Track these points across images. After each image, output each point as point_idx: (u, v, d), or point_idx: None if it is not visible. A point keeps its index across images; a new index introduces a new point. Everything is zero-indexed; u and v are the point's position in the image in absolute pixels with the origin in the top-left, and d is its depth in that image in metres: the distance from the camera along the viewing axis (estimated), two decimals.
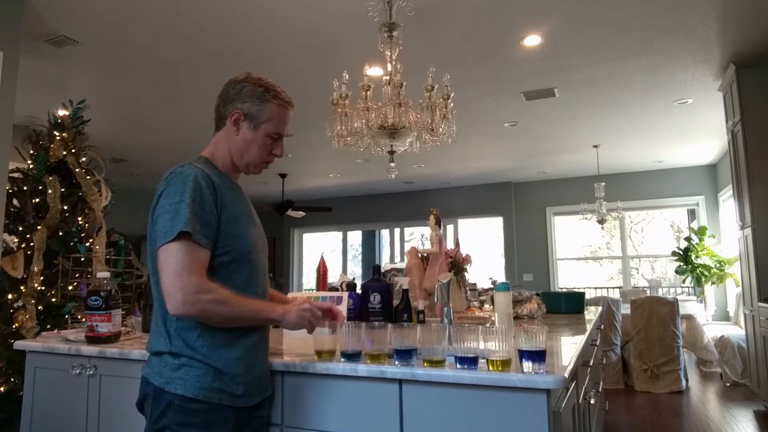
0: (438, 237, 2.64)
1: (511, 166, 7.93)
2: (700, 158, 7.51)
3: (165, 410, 1.25)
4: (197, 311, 1.23)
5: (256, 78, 1.44)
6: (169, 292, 1.22)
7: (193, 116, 5.36)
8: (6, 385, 2.74)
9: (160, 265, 1.25)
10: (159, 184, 1.34)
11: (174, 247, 1.23)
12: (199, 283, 1.23)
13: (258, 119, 1.42)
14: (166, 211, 1.26)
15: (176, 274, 1.22)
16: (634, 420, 4.01)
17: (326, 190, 9.69)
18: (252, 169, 1.48)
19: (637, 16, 3.47)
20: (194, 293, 1.22)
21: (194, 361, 1.27)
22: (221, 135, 1.46)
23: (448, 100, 2.70)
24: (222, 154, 1.45)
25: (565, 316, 2.80)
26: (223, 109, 1.44)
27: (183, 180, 1.30)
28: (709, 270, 7.07)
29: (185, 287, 1.21)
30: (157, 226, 1.27)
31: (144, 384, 1.32)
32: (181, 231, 1.23)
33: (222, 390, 1.28)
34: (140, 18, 3.41)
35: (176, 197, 1.27)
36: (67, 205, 3.09)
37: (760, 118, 4.08)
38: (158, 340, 1.31)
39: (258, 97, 1.41)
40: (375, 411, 1.37)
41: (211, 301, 1.24)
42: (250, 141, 1.42)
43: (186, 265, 1.23)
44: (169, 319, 1.29)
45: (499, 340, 1.27)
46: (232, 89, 1.43)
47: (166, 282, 1.23)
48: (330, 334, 1.47)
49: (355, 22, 3.46)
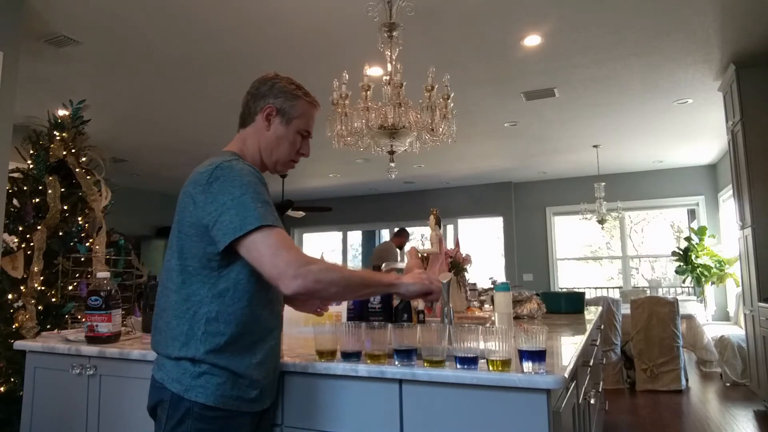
0: (438, 237, 2.64)
1: (511, 166, 7.93)
2: (700, 158, 7.51)
3: (183, 418, 1.23)
4: (312, 283, 1.20)
5: (286, 77, 1.46)
6: (277, 273, 1.19)
7: (194, 116, 5.36)
8: (6, 385, 2.74)
9: (252, 257, 1.21)
10: (196, 178, 1.28)
11: (259, 235, 1.20)
12: (302, 255, 1.21)
13: (290, 115, 1.42)
14: (230, 207, 1.22)
15: (275, 254, 1.19)
16: (634, 420, 4.01)
17: (326, 190, 9.69)
18: (279, 167, 1.47)
19: (637, 16, 3.47)
20: (303, 265, 1.19)
21: (216, 369, 1.24)
22: (249, 131, 1.44)
23: (448, 100, 2.71)
24: (251, 150, 1.43)
25: (565, 316, 2.80)
26: (254, 104, 1.43)
27: (238, 174, 1.26)
28: (709, 270, 7.07)
29: (291, 262, 1.19)
30: (221, 223, 1.21)
31: (159, 389, 1.28)
32: (261, 225, 1.20)
33: (240, 397, 1.26)
34: (140, 18, 3.41)
35: (237, 191, 1.23)
36: (67, 205, 3.09)
37: (760, 118, 4.08)
38: (173, 344, 1.26)
39: (291, 93, 1.43)
40: (375, 411, 1.37)
41: (323, 269, 1.22)
42: (281, 137, 1.42)
43: (280, 244, 1.21)
44: (198, 322, 1.25)
45: (499, 340, 1.27)
46: (263, 86, 1.43)
47: (268, 266, 1.19)
48: (429, 306, 1.43)
49: (355, 22, 3.46)
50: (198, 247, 1.26)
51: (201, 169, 1.30)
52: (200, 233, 1.25)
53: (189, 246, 1.27)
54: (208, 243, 1.25)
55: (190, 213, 1.27)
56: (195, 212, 1.26)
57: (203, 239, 1.25)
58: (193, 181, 1.29)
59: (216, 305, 1.25)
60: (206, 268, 1.26)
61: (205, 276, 1.26)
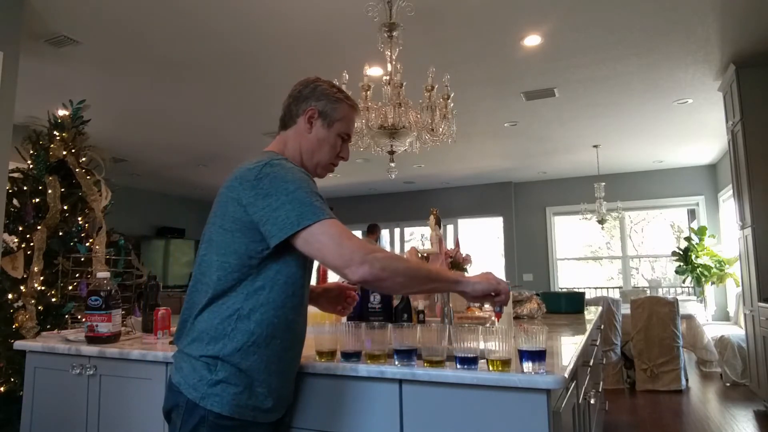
0: (438, 237, 2.64)
1: (511, 166, 7.93)
2: (700, 158, 7.51)
3: (197, 426, 1.21)
4: (379, 270, 1.19)
5: (327, 80, 1.47)
6: (343, 262, 1.18)
7: (194, 116, 5.36)
8: (6, 385, 2.74)
9: (313, 249, 1.21)
10: (242, 174, 1.27)
11: (318, 228, 1.20)
12: (365, 243, 1.21)
13: (332, 117, 1.43)
14: (285, 202, 1.21)
15: (339, 244, 1.19)
16: (634, 420, 4.01)
17: (326, 190, 9.70)
18: (320, 170, 1.47)
19: (637, 16, 3.46)
20: (368, 252, 1.19)
21: (234, 376, 1.22)
22: (290, 134, 1.44)
23: (448, 100, 2.71)
24: (292, 152, 1.43)
25: (565, 316, 2.80)
26: (296, 107, 1.43)
27: (289, 171, 1.27)
28: (709, 270, 7.07)
29: (356, 249, 1.19)
30: (277, 219, 1.21)
31: (175, 393, 1.25)
32: (320, 218, 1.20)
33: (256, 407, 1.25)
34: (140, 18, 3.41)
35: (290, 186, 1.23)
36: (67, 205, 3.09)
37: (760, 118, 4.08)
38: (202, 338, 1.25)
39: (333, 96, 1.44)
40: (375, 411, 1.37)
41: (388, 257, 1.22)
42: (323, 139, 1.43)
43: (342, 233, 1.21)
44: (230, 318, 1.24)
45: (499, 340, 1.27)
46: (305, 88, 1.44)
47: (333, 256, 1.19)
48: (498, 311, 1.43)
49: (355, 22, 3.46)
50: (240, 243, 1.25)
51: (249, 166, 1.29)
52: (245, 229, 1.25)
53: (230, 242, 1.26)
54: (252, 239, 1.24)
55: (234, 209, 1.26)
56: (241, 208, 1.25)
57: (247, 235, 1.24)
58: (239, 177, 1.28)
59: (250, 303, 1.25)
60: (245, 265, 1.25)
61: (243, 273, 1.25)
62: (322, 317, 1.87)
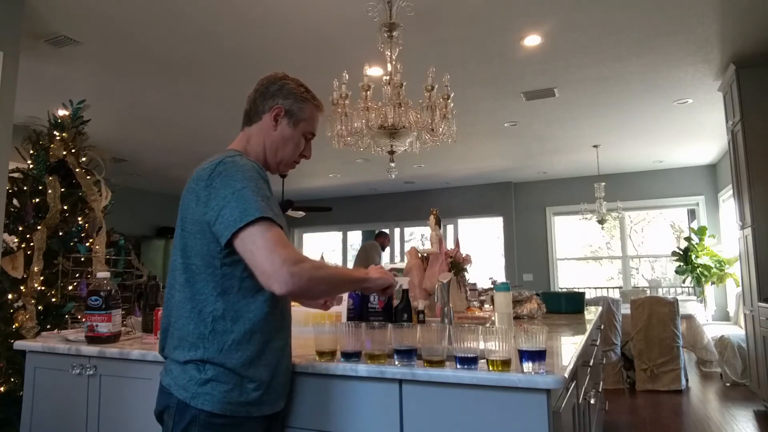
0: (438, 237, 2.64)
1: (511, 166, 7.93)
2: (700, 158, 7.51)
3: (189, 426, 1.21)
4: (306, 282, 1.18)
5: (294, 78, 1.47)
6: (272, 271, 1.16)
7: (193, 116, 5.36)
8: (6, 385, 2.74)
9: (246, 249, 1.19)
10: (198, 174, 1.28)
11: (256, 230, 1.18)
12: (296, 254, 1.19)
13: (298, 117, 1.43)
14: (230, 200, 1.20)
15: (271, 250, 1.16)
16: (634, 420, 4.01)
17: (326, 190, 9.70)
18: (282, 167, 1.47)
19: (637, 16, 3.46)
20: (297, 263, 1.17)
21: (222, 374, 1.22)
22: (254, 130, 1.44)
23: (448, 100, 2.70)
24: (255, 149, 1.43)
25: (565, 316, 2.80)
26: (262, 103, 1.43)
27: (240, 169, 1.26)
28: (709, 270, 7.07)
29: (286, 260, 1.16)
30: (222, 217, 1.20)
31: (166, 395, 1.26)
32: (260, 216, 1.18)
33: (247, 403, 1.24)
34: (140, 18, 3.41)
35: (237, 185, 1.22)
36: (67, 205, 3.09)
37: (760, 118, 4.08)
38: (182, 345, 1.25)
39: (300, 96, 1.44)
40: (375, 411, 1.37)
41: (313, 267, 1.21)
42: (288, 138, 1.43)
43: (277, 241, 1.18)
44: (204, 320, 1.23)
45: (499, 340, 1.27)
46: (272, 85, 1.43)
47: (262, 262, 1.17)
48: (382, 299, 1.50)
49: (355, 22, 3.46)
50: (201, 244, 1.25)
51: (204, 166, 1.30)
52: (203, 230, 1.25)
53: (192, 244, 1.26)
54: (211, 240, 1.24)
55: (193, 210, 1.26)
56: (197, 209, 1.25)
57: (206, 236, 1.24)
58: (195, 178, 1.29)
59: (222, 303, 1.24)
60: (210, 266, 1.25)
61: (209, 274, 1.25)
62: (322, 317, 1.87)
